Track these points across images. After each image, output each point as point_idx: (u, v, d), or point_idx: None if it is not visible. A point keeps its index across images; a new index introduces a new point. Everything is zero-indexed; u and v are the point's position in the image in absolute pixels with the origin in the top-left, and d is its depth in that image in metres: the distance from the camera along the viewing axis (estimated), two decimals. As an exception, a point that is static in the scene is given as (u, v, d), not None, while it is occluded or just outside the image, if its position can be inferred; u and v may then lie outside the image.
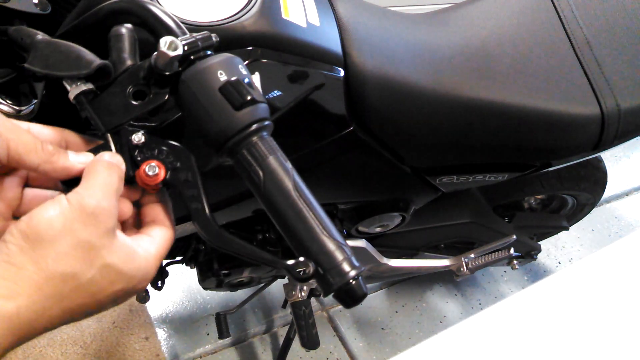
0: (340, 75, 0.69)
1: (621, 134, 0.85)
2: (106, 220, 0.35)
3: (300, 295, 1.10)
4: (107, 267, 0.35)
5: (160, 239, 0.40)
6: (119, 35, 0.43)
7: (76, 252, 0.34)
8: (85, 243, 0.34)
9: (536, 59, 0.84)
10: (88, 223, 0.34)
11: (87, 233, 0.34)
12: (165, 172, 0.40)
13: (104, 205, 0.35)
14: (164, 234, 0.41)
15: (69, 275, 0.33)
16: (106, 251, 0.35)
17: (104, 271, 0.35)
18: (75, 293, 0.34)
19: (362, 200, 0.95)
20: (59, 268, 0.33)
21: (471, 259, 1.22)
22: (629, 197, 2.09)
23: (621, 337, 0.50)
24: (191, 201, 0.40)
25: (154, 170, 0.40)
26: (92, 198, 0.35)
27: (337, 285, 0.37)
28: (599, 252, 0.58)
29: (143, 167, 0.40)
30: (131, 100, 0.41)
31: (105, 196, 0.36)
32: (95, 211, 0.35)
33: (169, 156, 0.41)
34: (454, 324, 0.50)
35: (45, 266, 0.33)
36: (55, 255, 0.33)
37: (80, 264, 0.34)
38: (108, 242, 0.35)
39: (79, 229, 0.34)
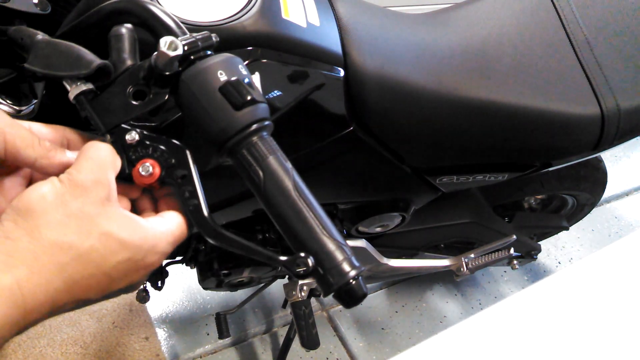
0: (340, 75, 0.69)
1: (621, 134, 0.85)
2: (97, 190, 0.36)
3: (300, 295, 1.10)
4: (106, 234, 0.35)
5: (171, 220, 0.40)
6: (119, 35, 0.43)
7: (70, 221, 0.34)
8: (78, 212, 0.34)
9: (536, 59, 0.84)
10: (78, 195, 0.35)
11: (79, 203, 0.34)
12: (160, 170, 0.40)
13: (92, 177, 0.36)
14: (175, 217, 0.40)
15: (66, 244, 0.33)
16: (102, 219, 0.35)
17: (102, 239, 0.35)
18: (76, 263, 0.34)
19: (362, 200, 0.95)
20: (53, 237, 0.33)
21: (471, 259, 1.22)
22: (629, 197, 2.09)
23: (621, 337, 0.50)
24: (188, 198, 0.40)
25: (147, 170, 0.40)
26: (80, 173, 0.36)
27: (337, 285, 0.37)
28: (599, 252, 0.58)
29: (137, 166, 0.40)
30: (131, 100, 0.41)
31: (93, 169, 0.36)
32: (85, 183, 0.35)
33: (164, 154, 0.41)
34: (454, 324, 0.50)
35: (39, 235, 0.33)
36: (48, 224, 0.33)
37: (75, 233, 0.34)
38: (103, 210, 0.35)
39: (70, 201, 0.34)
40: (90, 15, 0.44)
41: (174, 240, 0.40)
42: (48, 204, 0.34)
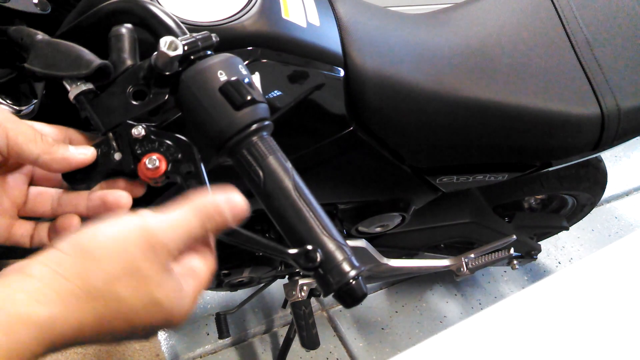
0: (340, 75, 0.69)
1: (621, 134, 0.85)
2: (165, 256, 0.34)
3: (300, 295, 1.11)
4: (153, 302, 0.33)
5: (202, 272, 0.38)
6: (119, 35, 0.43)
7: (126, 278, 0.32)
8: (138, 272, 0.33)
9: (536, 59, 0.84)
10: (147, 253, 0.33)
11: (143, 262, 0.33)
12: (167, 165, 0.40)
13: (170, 245, 0.34)
14: (206, 266, 0.38)
15: (113, 300, 0.32)
16: (157, 287, 0.34)
17: (148, 305, 0.33)
18: (113, 317, 0.32)
19: (362, 200, 0.95)
20: (105, 288, 0.32)
21: (471, 259, 1.22)
22: (629, 197, 2.09)
23: (621, 337, 0.50)
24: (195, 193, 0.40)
25: (154, 163, 0.39)
26: (162, 233, 0.34)
27: (337, 285, 0.37)
28: (599, 252, 0.58)
29: (143, 160, 0.39)
30: (131, 100, 0.41)
31: (176, 238, 0.34)
32: (158, 246, 0.33)
33: (170, 148, 0.40)
34: (454, 324, 0.50)
35: (93, 284, 0.31)
36: (106, 276, 0.32)
37: (127, 292, 0.32)
38: (161, 278, 0.34)
39: (136, 257, 0.33)
40: (90, 15, 0.44)
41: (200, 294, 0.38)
42: (113, 252, 0.32)
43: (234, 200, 0.36)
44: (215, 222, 0.36)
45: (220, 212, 0.36)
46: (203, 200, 0.36)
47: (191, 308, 0.37)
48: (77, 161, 0.39)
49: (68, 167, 0.39)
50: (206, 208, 0.36)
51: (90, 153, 0.40)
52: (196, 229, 0.35)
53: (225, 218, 0.36)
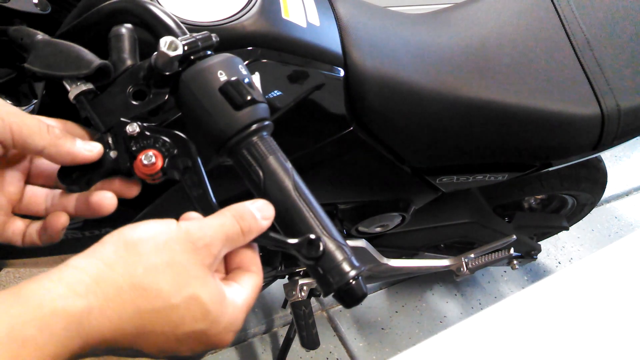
0: (340, 75, 0.69)
1: (621, 134, 0.85)
2: (206, 254, 0.34)
3: (300, 295, 1.10)
4: (195, 298, 0.33)
5: (249, 288, 0.37)
6: (119, 35, 0.43)
7: (168, 271, 0.32)
8: (180, 266, 0.33)
9: (536, 59, 0.84)
10: (188, 250, 0.33)
11: (185, 258, 0.33)
12: (163, 161, 0.39)
13: (208, 242, 0.34)
14: (252, 281, 0.38)
15: (154, 292, 0.32)
16: (198, 282, 0.33)
17: (190, 302, 0.33)
18: (155, 314, 0.32)
19: (362, 200, 0.95)
20: (146, 280, 0.32)
21: (471, 259, 1.22)
22: (629, 197, 2.09)
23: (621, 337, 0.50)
24: (192, 188, 0.40)
25: (150, 159, 0.39)
26: (199, 231, 0.35)
27: (337, 285, 0.37)
28: (599, 252, 0.58)
29: (139, 157, 0.39)
30: (131, 100, 0.41)
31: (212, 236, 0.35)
32: (198, 243, 0.34)
33: (166, 144, 0.40)
34: (454, 324, 0.50)
35: (134, 272, 0.31)
36: (148, 266, 0.32)
37: (168, 283, 0.32)
38: (202, 274, 0.34)
39: (177, 252, 0.33)
40: (90, 15, 0.44)
41: (249, 309, 0.37)
42: (156, 246, 0.33)
43: (262, 205, 0.38)
44: (249, 223, 0.37)
45: (253, 214, 0.37)
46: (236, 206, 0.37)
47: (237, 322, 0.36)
48: (82, 157, 0.39)
49: (72, 162, 0.39)
50: (239, 211, 0.37)
51: (96, 150, 0.39)
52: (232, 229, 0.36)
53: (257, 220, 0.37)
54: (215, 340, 0.35)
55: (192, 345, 0.34)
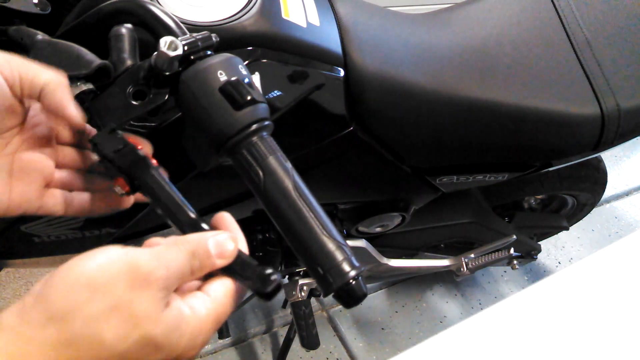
0: (340, 75, 0.69)
1: (621, 134, 0.85)
2: (158, 289, 0.30)
3: (300, 295, 1.10)
4: (146, 339, 0.29)
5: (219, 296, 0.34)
6: (119, 35, 0.43)
7: (113, 316, 0.28)
8: (126, 308, 0.29)
9: (536, 59, 0.84)
10: (137, 286, 0.29)
11: (133, 297, 0.29)
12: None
13: (161, 274, 0.30)
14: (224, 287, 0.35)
15: (96, 342, 0.28)
16: (148, 321, 0.29)
17: (141, 342, 0.29)
18: None
19: (362, 200, 0.95)
20: (87, 331, 0.28)
21: (471, 259, 1.22)
22: (629, 197, 2.09)
23: (621, 337, 0.50)
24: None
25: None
26: (151, 261, 0.30)
27: (337, 285, 0.37)
28: (599, 252, 0.58)
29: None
30: (131, 100, 0.41)
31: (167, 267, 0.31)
32: (150, 277, 0.30)
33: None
34: (454, 324, 0.50)
35: (71, 328, 0.27)
36: (87, 317, 0.28)
37: (113, 331, 0.28)
38: (153, 310, 0.30)
39: (124, 290, 0.29)
40: (90, 15, 0.44)
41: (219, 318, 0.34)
42: (96, 291, 0.28)
43: (223, 241, 0.35)
44: (200, 263, 0.33)
45: (208, 253, 0.34)
46: (194, 239, 0.34)
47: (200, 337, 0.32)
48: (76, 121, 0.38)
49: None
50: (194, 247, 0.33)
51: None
52: (184, 265, 0.32)
53: (211, 259, 0.34)
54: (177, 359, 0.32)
55: None
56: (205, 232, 0.35)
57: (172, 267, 0.31)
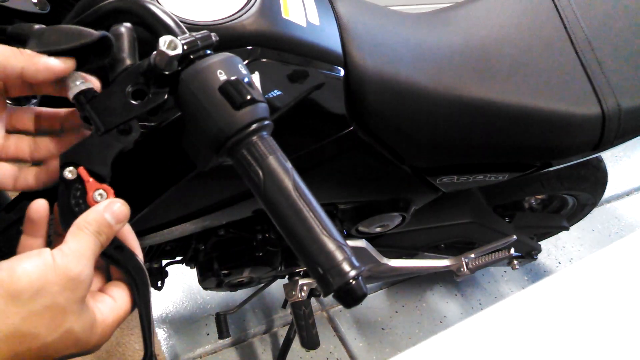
0: (340, 74, 0.69)
1: (622, 133, 0.85)
2: (84, 288, 0.36)
3: (300, 295, 1.10)
4: (69, 332, 0.35)
5: (119, 304, 0.40)
6: (118, 35, 0.42)
7: (46, 314, 0.34)
8: (58, 307, 0.34)
9: (537, 59, 0.84)
10: (67, 287, 0.34)
11: (63, 298, 0.34)
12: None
13: (86, 273, 0.36)
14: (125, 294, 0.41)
15: (31, 336, 0.33)
16: (74, 317, 0.35)
17: (64, 336, 0.35)
18: (30, 353, 0.33)
19: (362, 200, 0.95)
20: (24, 327, 0.33)
21: (471, 259, 1.22)
22: (629, 197, 2.09)
23: (621, 337, 0.50)
24: None
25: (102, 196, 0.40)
26: (77, 263, 0.35)
27: (337, 285, 0.36)
28: (599, 252, 0.58)
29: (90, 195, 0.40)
30: (130, 100, 0.41)
31: (88, 263, 0.36)
32: (78, 278, 0.35)
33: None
34: (454, 324, 0.50)
35: (12, 322, 0.32)
36: (26, 314, 0.33)
37: (45, 327, 0.34)
38: (77, 308, 0.35)
39: (57, 292, 0.34)
40: (89, 14, 0.44)
41: (117, 325, 0.40)
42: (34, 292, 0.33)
43: (116, 212, 0.39)
44: (106, 236, 0.38)
45: (108, 225, 0.38)
46: (86, 218, 0.38)
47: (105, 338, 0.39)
48: (59, 69, 0.39)
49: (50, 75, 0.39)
50: (92, 225, 0.37)
51: (70, 62, 0.40)
52: (96, 246, 0.37)
53: (112, 228, 0.38)
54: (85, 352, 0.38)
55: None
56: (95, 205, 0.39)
57: (91, 257, 0.37)
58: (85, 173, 0.40)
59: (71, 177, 0.40)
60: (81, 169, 0.40)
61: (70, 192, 0.40)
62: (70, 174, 0.40)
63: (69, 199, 0.40)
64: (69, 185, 0.40)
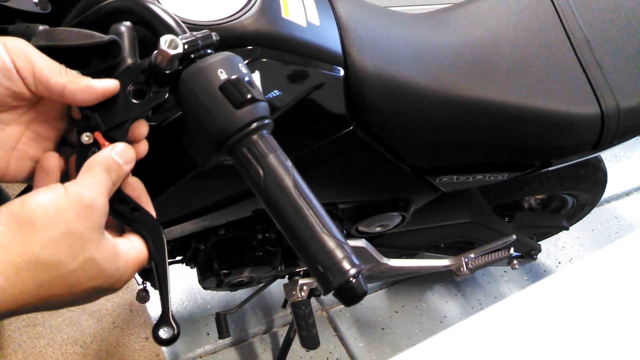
0: (340, 74, 0.69)
1: (621, 133, 0.85)
2: (99, 215, 0.36)
3: (300, 295, 1.11)
4: (91, 261, 0.35)
5: (138, 246, 0.41)
6: (118, 34, 0.43)
7: (65, 241, 0.34)
8: (75, 234, 0.34)
9: (536, 59, 0.84)
10: (82, 214, 0.35)
11: (79, 224, 0.34)
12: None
13: (100, 201, 0.36)
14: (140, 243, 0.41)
15: (53, 264, 0.33)
16: (93, 245, 0.35)
17: (86, 265, 0.35)
18: (53, 282, 0.34)
19: (362, 200, 0.95)
20: (44, 255, 0.33)
21: (471, 259, 1.22)
22: (629, 197, 2.09)
23: (621, 337, 0.50)
24: None
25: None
26: (90, 191, 0.36)
27: (337, 284, 0.37)
28: (599, 252, 0.58)
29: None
30: (131, 99, 0.41)
31: (101, 193, 0.36)
32: (92, 204, 0.35)
33: None
34: (454, 324, 0.50)
35: (31, 250, 0.33)
36: (43, 241, 0.33)
37: (65, 254, 0.34)
38: (96, 237, 0.35)
39: (72, 219, 0.34)
40: (90, 14, 0.44)
41: (138, 269, 0.40)
42: (49, 219, 0.34)
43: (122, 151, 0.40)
44: (117, 174, 0.39)
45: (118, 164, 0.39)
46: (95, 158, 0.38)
47: (128, 273, 0.39)
48: (102, 90, 0.39)
49: (94, 97, 0.39)
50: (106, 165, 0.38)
51: (113, 84, 0.40)
52: (108, 183, 0.38)
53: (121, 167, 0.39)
54: (107, 290, 0.38)
55: (86, 297, 0.37)
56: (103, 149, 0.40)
57: (104, 190, 0.37)
58: (101, 137, 0.40)
59: (88, 142, 0.40)
60: (97, 134, 0.40)
61: (87, 156, 0.40)
62: (87, 138, 0.40)
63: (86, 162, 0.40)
64: (86, 149, 0.40)
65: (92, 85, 0.39)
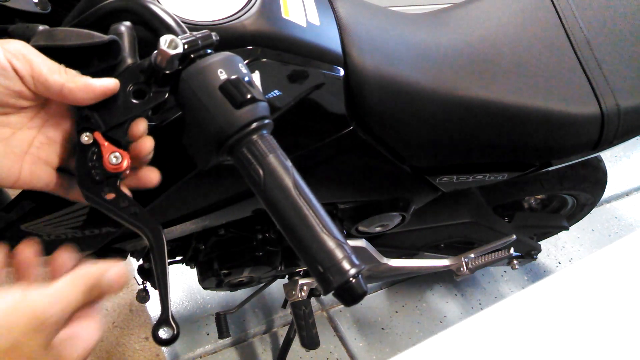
0: (340, 74, 0.69)
1: (621, 133, 0.85)
2: (50, 332, 0.33)
3: (300, 295, 1.11)
4: None
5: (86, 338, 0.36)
6: (118, 34, 0.43)
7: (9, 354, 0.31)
8: (19, 352, 0.31)
9: (536, 59, 0.84)
10: (32, 330, 0.32)
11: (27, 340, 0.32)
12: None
13: (54, 319, 0.33)
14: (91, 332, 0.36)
15: None
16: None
17: None
18: None
19: (362, 200, 0.95)
20: None
21: (471, 259, 1.22)
22: (629, 197, 2.09)
23: (621, 337, 0.50)
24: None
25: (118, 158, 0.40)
26: (49, 306, 0.33)
27: (337, 284, 0.37)
28: (599, 252, 0.58)
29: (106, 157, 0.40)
30: (131, 99, 0.41)
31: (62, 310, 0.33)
32: (45, 321, 0.32)
33: None
34: (454, 324, 0.50)
35: None
36: None
37: None
38: (42, 354, 0.33)
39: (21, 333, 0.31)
40: (90, 14, 0.44)
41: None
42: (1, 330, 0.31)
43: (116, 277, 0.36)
44: (98, 292, 0.35)
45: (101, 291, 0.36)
46: (86, 272, 0.35)
47: None
48: (101, 89, 0.39)
49: (93, 96, 0.39)
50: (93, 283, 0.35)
51: (112, 83, 0.40)
52: (79, 301, 0.34)
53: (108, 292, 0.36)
54: None
55: None
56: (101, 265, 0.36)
57: (68, 307, 0.34)
58: (100, 137, 0.40)
59: (88, 142, 0.40)
60: (97, 134, 0.40)
61: (87, 156, 0.40)
62: (87, 138, 0.40)
63: (86, 162, 0.40)
64: (85, 149, 0.40)
65: (91, 83, 0.39)
